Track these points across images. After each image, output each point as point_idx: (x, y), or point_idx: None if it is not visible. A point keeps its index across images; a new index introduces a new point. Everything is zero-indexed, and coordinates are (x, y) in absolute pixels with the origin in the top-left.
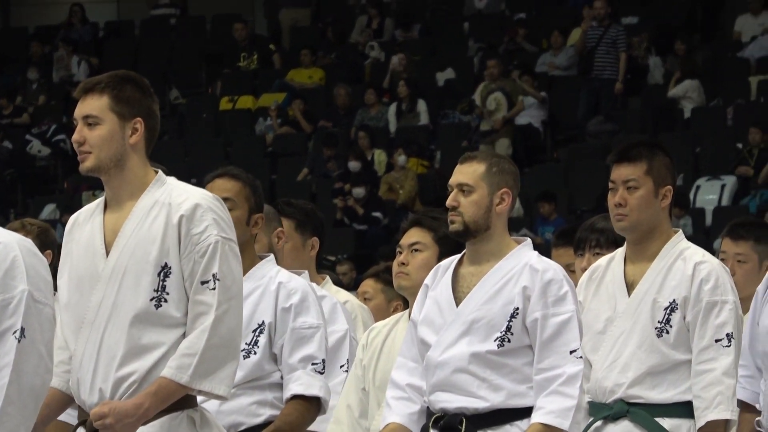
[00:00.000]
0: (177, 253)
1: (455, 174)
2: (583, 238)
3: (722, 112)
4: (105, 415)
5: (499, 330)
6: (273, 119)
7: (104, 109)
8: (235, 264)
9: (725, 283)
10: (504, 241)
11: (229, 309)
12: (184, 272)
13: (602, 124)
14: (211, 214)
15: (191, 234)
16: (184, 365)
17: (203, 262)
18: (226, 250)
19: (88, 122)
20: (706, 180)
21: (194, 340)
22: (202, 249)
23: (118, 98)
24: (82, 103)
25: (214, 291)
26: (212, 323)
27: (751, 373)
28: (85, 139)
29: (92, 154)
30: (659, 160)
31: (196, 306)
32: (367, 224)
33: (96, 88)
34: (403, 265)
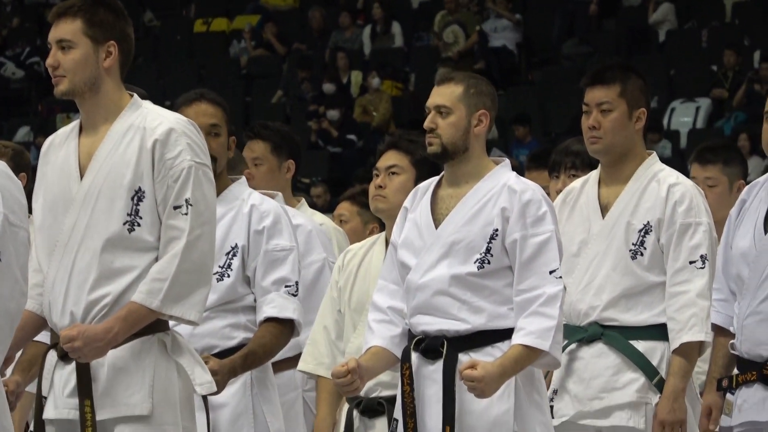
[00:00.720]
0: (151, 178)
1: (432, 96)
2: (558, 161)
3: (697, 34)
4: (74, 338)
5: (479, 252)
6: (247, 41)
7: (77, 33)
8: (208, 189)
9: (699, 204)
10: (482, 163)
11: (201, 234)
12: (158, 197)
13: (577, 46)
14: (185, 138)
15: (165, 158)
16: (155, 290)
17: (176, 187)
18: (200, 175)
19: (62, 46)
20: (680, 102)
21: (165, 265)
22: (175, 174)
23: (92, 22)
24: (56, 27)
25: (187, 216)
26: (184, 248)
27: (724, 296)
28: (59, 62)
29: (66, 78)
30: (633, 82)
31: (168, 231)
32: (342, 147)
33: (69, 12)
34: (381, 188)
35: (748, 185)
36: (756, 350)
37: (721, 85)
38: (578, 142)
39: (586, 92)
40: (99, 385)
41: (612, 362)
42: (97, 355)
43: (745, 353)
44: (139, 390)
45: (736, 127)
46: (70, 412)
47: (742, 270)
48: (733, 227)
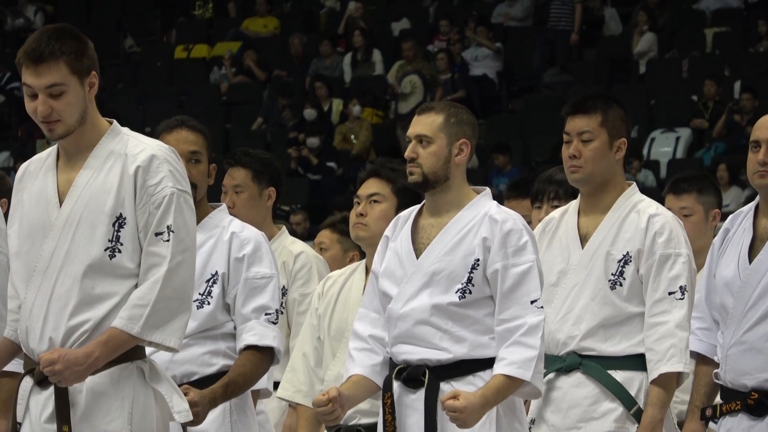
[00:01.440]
0: (132, 204)
1: (413, 125)
2: (542, 190)
3: (677, 64)
4: (54, 362)
5: (460, 282)
6: (227, 68)
7: (66, 75)
8: (189, 216)
9: (679, 236)
10: (463, 191)
11: (182, 261)
12: (139, 223)
13: (557, 75)
14: (167, 165)
15: (147, 185)
16: (135, 316)
17: (158, 214)
18: (181, 202)
19: (51, 93)
20: (660, 132)
21: (146, 291)
22: (157, 200)
23: (74, 59)
24: (38, 73)
25: (168, 243)
26: (165, 274)
27: (707, 325)
28: (52, 109)
29: (61, 122)
30: (614, 112)
31: (149, 257)
32: (322, 174)
33: (50, 56)
34: (362, 215)
35: (732, 214)
36: (740, 380)
37: (701, 115)
38: (561, 171)
39: (567, 121)
40: (77, 410)
41: (590, 392)
42: (78, 380)
43: (729, 383)
44: (118, 416)
45: (715, 158)
46: None
47: (725, 299)
48: (716, 256)
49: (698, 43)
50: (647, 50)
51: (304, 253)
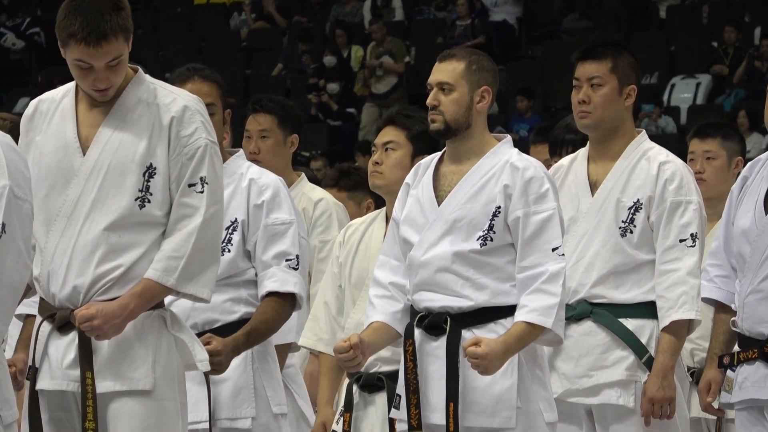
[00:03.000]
0: (165, 154)
1: (434, 72)
2: (560, 139)
3: (698, 10)
4: (92, 317)
5: (482, 229)
6: (247, 14)
7: (122, 46)
8: (219, 168)
9: (689, 183)
10: (484, 139)
11: (215, 213)
12: (171, 174)
13: (577, 21)
14: (199, 116)
15: (180, 136)
16: (171, 268)
17: (192, 165)
18: (213, 153)
19: (110, 65)
20: (681, 78)
21: (181, 243)
22: (191, 151)
23: (126, 28)
24: (100, 52)
25: (202, 194)
26: (200, 226)
27: (725, 273)
28: (109, 81)
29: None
30: (624, 58)
31: (181, 208)
32: (342, 120)
33: (111, 32)
34: (377, 164)
35: (750, 161)
36: (757, 328)
37: (721, 61)
38: None
39: (577, 67)
40: (100, 357)
41: (601, 340)
42: (116, 332)
43: (747, 331)
44: (142, 364)
45: (736, 104)
46: (69, 383)
47: (743, 248)
48: (734, 205)
49: None
50: None
51: (324, 200)
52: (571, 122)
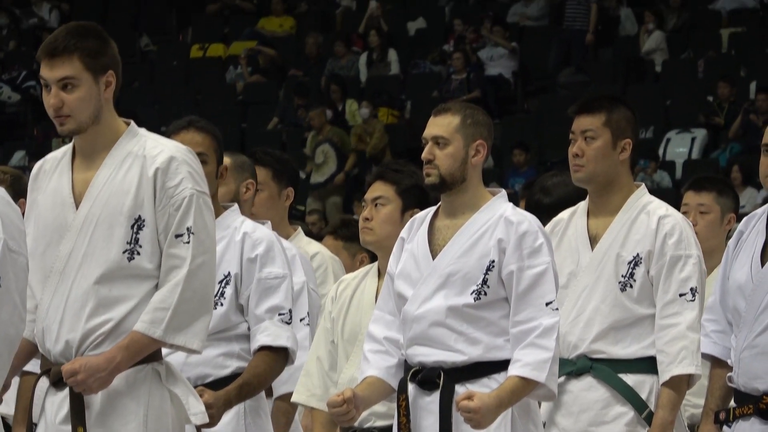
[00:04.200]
0: (152, 206)
1: (429, 126)
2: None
3: (693, 64)
4: (76, 371)
5: (476, 283)
6: (243, 67)
7: (79, 70)
8: (209, 217)
9: (689, 237)
10: (479, 193)
11: (203, 263)
12: (159, 225)
13: (573, 75)
14: (185, 167)
15: (166, 187)
16: (157, 319)
17: (178, 216)
18: (201, 203)
19: (64, 84)
20: (676, 133)
21: (167, 294)
22: (177, 202)
23: (89, 56)
24: (52, 66)
25: (189, 244)
26: (186, 277)
27: (722, 328)
28: (63, 102)
29: (72, 117)
30: (619, 112)
31: (169, 259)
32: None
33: (64, 50)
34: (367, 220)
35: (746, 216)
36: (752, 384)
37: (716, 115)
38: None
39: (573, 121)
40: (92, 412)
41: (601, 396)
42: (102, 386)
43: (742, 386)
44: (133, 419)
45: (731, 159)
46: None
47: (738, 302)
48: (730, 259)
49: (714, 43)
50: (655, 48)
51: (320, 254)
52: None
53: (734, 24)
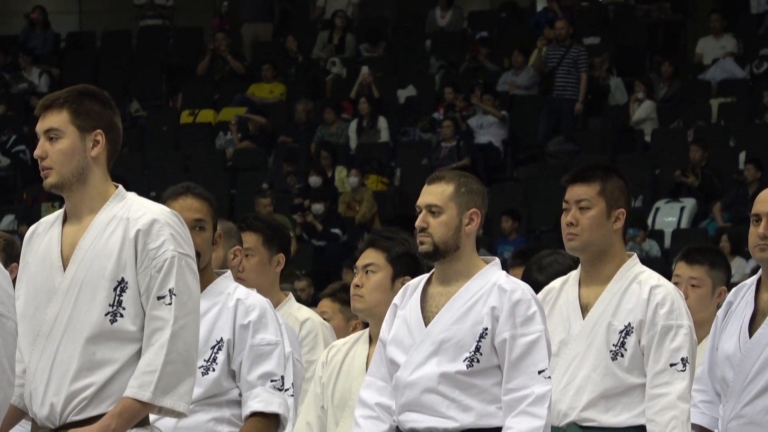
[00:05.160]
0: (134, 268)
1: (423, 195)
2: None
3: (682, 134)
4: None
5: (468, 350)
6: (233, 133)
7: (64, 122)
8: (191, 279)
9: (680, 307)
10: (472, 261)
11: (185, 324)
12: (141, 287)
13: (562, 144)
14: (168, 229)
15: (148, 248)
16: (146, 383)
17: (159, 277)
18: (183, 265)
19: (50, 136)
20: (665, 202)
21: (153, 357)
22: (158, 264)
23: (78, 111)
24: (43, 119)
25: (171, 306)
26: (169, 338)
27: (710, 398)
28: (46, 153)
29: (54, 170)
30: (613, 182)
31: (152, 321)
32: (326, 240)
33: (56, 104)
34: (358, 287)
35: (735, 287)
36: None
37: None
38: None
39: (566, 190)
40: None
41: None
42: None
43: None
44: None
45: (719, 228)
46: None
47: (726, 373)
48: (719, 330)
49: (703, 113)
50: (645, 117)
51: (310, 320)
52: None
53: (724, 94)
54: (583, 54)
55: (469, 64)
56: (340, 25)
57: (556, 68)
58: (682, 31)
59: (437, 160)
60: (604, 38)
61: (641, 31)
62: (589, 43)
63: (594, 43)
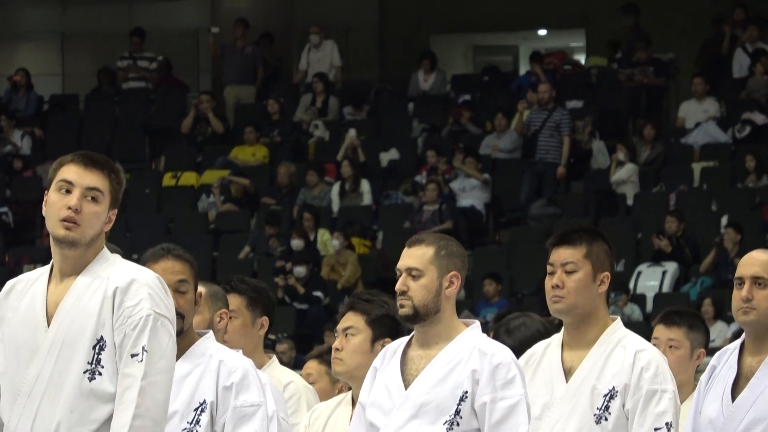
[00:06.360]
0: (111, 325)
1: (403, 258)
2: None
3: (665, 198)
4: None
5: (448, 413)
6: (216, 196)
7: (105, 188)
8: (166, 340)
9: (665, 372)
10: (452, 324)
11: (155, 382)
12: (116, 343)
13: (545, 207)
14: (146, 288)
15: (124, 306)
16: None
17: (134, 335)
18: (158, 325)
19: (91, 195)
20: (647, 266)
21: (121, 414)
22: (133, 322)
23: (115, 181)
24: (86, 173)
25: (142, 363)
26: (138, 394)
27: None
28: (80, 209)
29: (80, 228)
30: (599, 246)
31: (123, 379)
32: (308, 303)
33: (105, 165)
34: (338, 350)
35: (718, 351)
36: None
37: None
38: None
39: (551, 252)
40: None
41: None
42: None
43: None
44: None
45: (702, 292)
46: None
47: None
48: (702, 393)
49: (686, 176)
50: (626, 179)
51: (293, 383)
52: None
53: (706, 158)
54: (565, 117)
55: (451, 127)
56: (322, 88)
57: (538, 131)
58: (664, 95)
59: (420, 224)
60: (586, 102)
61: (624, 95)
62: (572, 107)
63: (577, 107)
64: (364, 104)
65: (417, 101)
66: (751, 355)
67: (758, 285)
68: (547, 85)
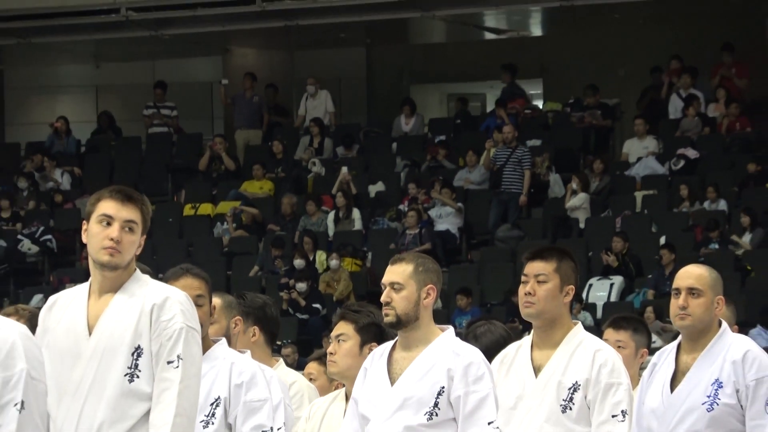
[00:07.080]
0: (148, 336)
1: (387, 273)
2: None
3: (611, 222)
4: None
5: (428, 405)
6: (229, 224)
7: (138, 219)
8: (195, 350)
9: (620, 368)
10: (430, 329)
11: (189, 386)
12: (153, 352)
13: (509, 231)
14: (178, 305)
15: (161, 320)
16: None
17: (169, 345)
18: (189, 337)
19: (129, 227)
20: (597, 279)
21: (163, 413)
22: (169, 333)
23: (146, 213)
24: (124, 208)
25: (178, 369)
26: (177, 396)
27: None
28: (121, 240)
29: (121, 254)
30: (567, 263)
31: (161, 382)
32: (309, 314)
33: (138, 201)
34: (332, 354)
35: (659, 350)
36: None
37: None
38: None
39: (525, 265)
40: None
41: None
42: None
43: None
44: None
45: (644, 301)
46: None
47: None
48: (645, 386)
49: (629, 203)
50: (579, 206)
51: (297, 383)
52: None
53: (647, 187)
54: (526, 154)
55: (429, 163)
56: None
57: (503, 166)
58: (611, 134)
59: (403, 245)
60: (544, 140)
61: (576, 134)
62: (532, 145)
63: (536, 145)
64: (354, 144)
65: (399, 141)
66: (686, 354)
67: (693, 295)
68: (510, 126)
